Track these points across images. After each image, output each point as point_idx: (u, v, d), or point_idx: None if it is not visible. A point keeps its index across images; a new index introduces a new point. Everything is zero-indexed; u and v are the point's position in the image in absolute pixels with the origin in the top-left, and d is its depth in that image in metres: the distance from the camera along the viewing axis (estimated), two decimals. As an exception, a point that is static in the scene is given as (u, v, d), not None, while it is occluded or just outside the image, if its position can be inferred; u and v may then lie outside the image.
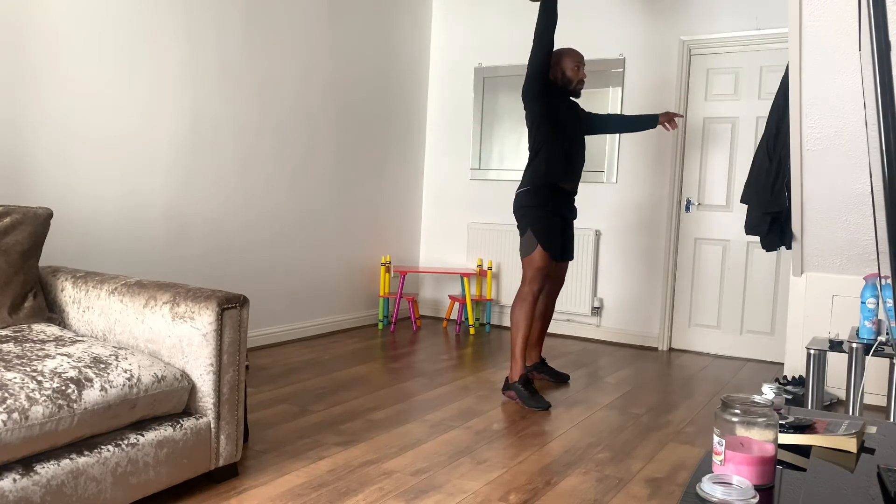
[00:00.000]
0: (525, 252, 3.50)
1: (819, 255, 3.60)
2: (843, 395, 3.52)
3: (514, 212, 3.60)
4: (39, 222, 2.44)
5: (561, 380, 3.79)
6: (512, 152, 5.36)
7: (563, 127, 3.54)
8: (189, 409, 2.18)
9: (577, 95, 3.67)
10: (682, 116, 4.01)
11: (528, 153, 3.60)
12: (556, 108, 3.55)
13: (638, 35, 4.91)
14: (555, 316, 5.21)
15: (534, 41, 3.48)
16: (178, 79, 3.70)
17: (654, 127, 3.95)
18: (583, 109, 3.81)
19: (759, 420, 1.25)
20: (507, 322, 5.42)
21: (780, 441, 1.42)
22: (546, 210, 3.51)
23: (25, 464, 1.71)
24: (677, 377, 4.07)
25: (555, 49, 3.60)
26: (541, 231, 3.48)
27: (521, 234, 3.54)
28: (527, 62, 3.53)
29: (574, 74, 3.61)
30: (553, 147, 3.51)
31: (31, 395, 1.72)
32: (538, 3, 3.50)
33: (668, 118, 3.91)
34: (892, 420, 2.76)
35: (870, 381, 3.51)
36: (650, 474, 2.52)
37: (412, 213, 5.68)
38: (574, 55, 3.63)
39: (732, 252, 4.71)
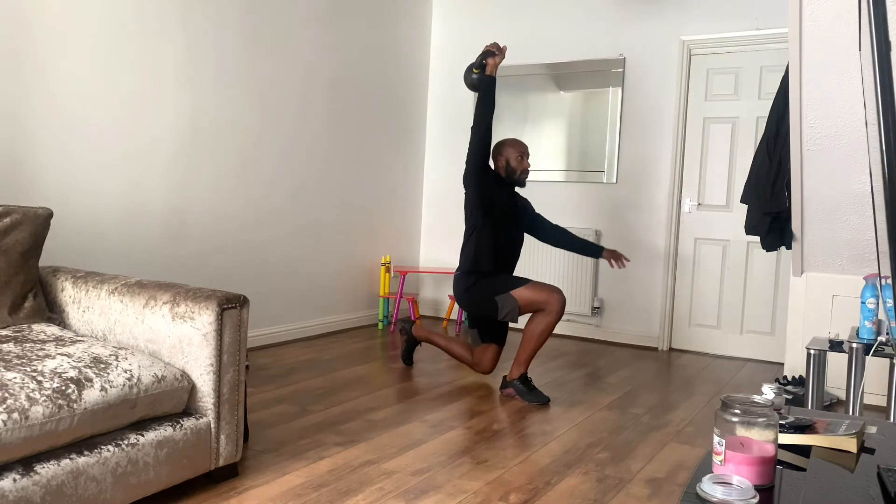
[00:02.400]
0: (512, 310, 3.45)
1: (819, 255, 3.60)
2: (843, 395, 3.52)
3: (457, 298, 3.64)
4: (39, 222, 2.44)
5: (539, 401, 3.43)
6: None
7: (498, 218, 3.59)
8: (189, 409, 2.18)
9: (522, 185, 3.70)
10: (628, 260, 3.86)
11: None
12: (494, 199, 3.59)
13: (638, 35, 4.92)
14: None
15: (472, 129, 3.52)
16: (177, 79, 3.70)
17: (598, 258, 3.90)
18: (530, 206, 3.85)
19: (759, 420, 1.25)
20: (507, 322, 5.42)
21: (780, 441, 1.42)
22: (488, 277, 3.55)
23: (25, 464, 1.71)
24: (677, 377, 4.07)
25: (501, 139, 3.73)
26: (502, 286, 3.48)
27: (496, 313, 3.49)
28: (467, 148, 3.57)
29: (518, 164, 3.66)
30: (483, 236, 3.57)
31: (31, 395, 1.72)
32: (479, 81, 3.56)
33: (614, 256, 3.82)
34: (892, 420, 2.76)
35: (870, 381, 3.51)
36: (650, 474, 2.52)
37: (412, 213, 5.68)
38: (517, 145, 3.68)
39: (732, 252, 4.71)
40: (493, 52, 3.53)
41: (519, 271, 5.13)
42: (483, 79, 3.53)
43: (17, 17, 2.99)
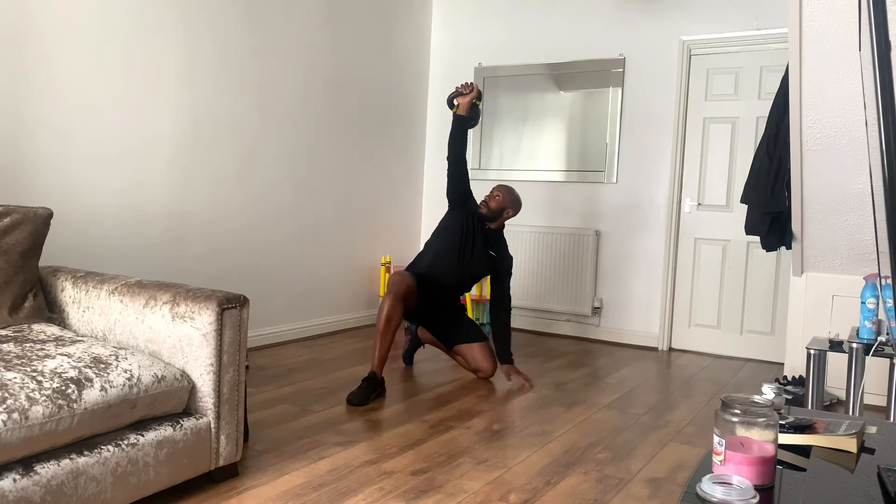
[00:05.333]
0: None
1: (819, 255, 3.60)
2: (843, 395, 3.52)
3: None
4: (39, 222, 2.44)
5: (353, 400, 3.23)
6: (512, 152, 5.36)
7: (441, 248, 3.67)
8: (189, 409, 2.18)
9: (484, 219, 3.75)
10: (531, 385, 3.67)
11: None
12: (446, 230, 3.70)
13: (638, 35, 4.91)
14: (555, 316, 5.21)
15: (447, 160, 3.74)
16: (177, 79, 3.70)
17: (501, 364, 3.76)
18: (501, 269, 3.76)
19: (759, 420, 1.25)
20: (507, 322, 5.43)
21: (780, 441, 1.42)
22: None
23: (25, 464, 1.71)
24: (677, 377, 4.07)
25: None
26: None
27: None
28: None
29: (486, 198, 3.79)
30: (428, 249, 3.73)
31: (31, 395, 1.72)
32: (459, 111, 3.73)
33: (513, 373, 3.69)
34: (892, 420, 2.76)
35: (870, 381, 3.51)
36: (650, 474, 2.52)
37: (412, 213, 5.68)
38: (495, 187, 3.81)
39: (732, 252, 4.71)
40: (463, 92, 3.72)
41: (519, 267, 5.15)
42: (453, 117, 3.72)
43: (19, 17, 2.99)
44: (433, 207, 5.74)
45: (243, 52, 4.07)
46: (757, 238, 4.40)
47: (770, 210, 3.57)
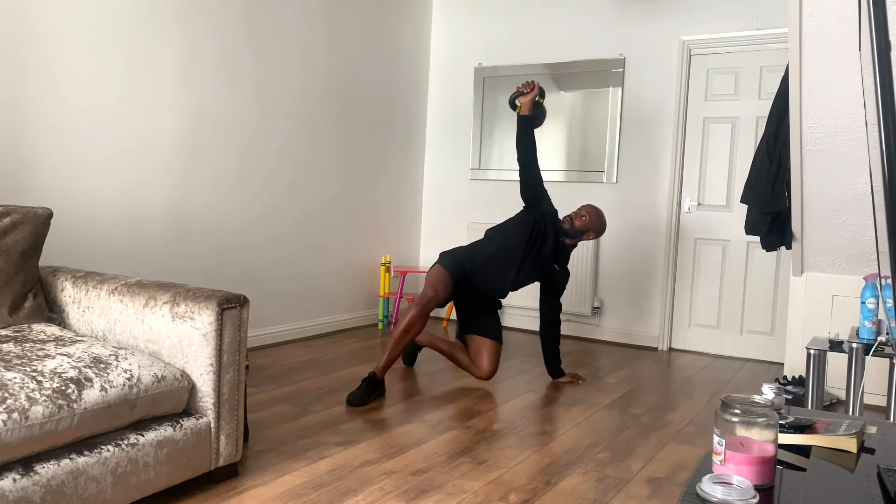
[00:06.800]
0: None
1: (819, 255, 3.60)
2: (843, 395, 3.52)
3: None
4: (39, 222, 2.44)
5: (352, 400, 3.22)
6: (512, 152, 5.36)
7: (497, 252, 3.64)
8: (189, 409, 2.18)
9: (565, 233, 3.75)
10: (584, 379, 3.84)
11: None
12: (509, 233, 3.67)
13: (638, 35, 4.92)
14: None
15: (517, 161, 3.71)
16: (177, 79, 3.70)
17: (553, 378, 3.84)
18: (561, 280, 3.79)
19: (759, 420, 1.25)
20: (507, 322, 5.43)
21: (780, 441, 1.42)
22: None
23: (25, 464, 1.71)
24: (677, 377, 4.07)
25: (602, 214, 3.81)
26: (441, 258, 3.66)
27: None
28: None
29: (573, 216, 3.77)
30: (489, 239, 3.70)
31: (31, 395, 1.72)
32: (521, 110, 3.71)
33: (572, 378, 3.83)
34: (892, 420, 2.76)
35: (870, 381, 3.51)
36: (650, 474, 2.52)
37: (412, 213, 5.68)
38: (587, 211, 3.77)
39: (732, 252, 4.71)
40: (524, 92, 3.68)
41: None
42: (517, 118, 3.69)
43: (19, 17, 2.99)
44: (433, 207, 5.74)
45: (243, 52, 4.07)
46: (757, 238, 4.40)
47: (770, 210, 3.57)
